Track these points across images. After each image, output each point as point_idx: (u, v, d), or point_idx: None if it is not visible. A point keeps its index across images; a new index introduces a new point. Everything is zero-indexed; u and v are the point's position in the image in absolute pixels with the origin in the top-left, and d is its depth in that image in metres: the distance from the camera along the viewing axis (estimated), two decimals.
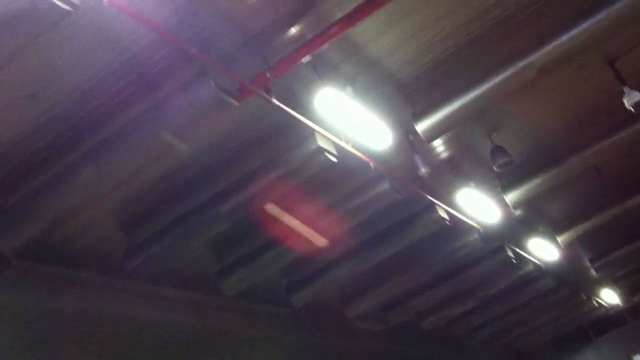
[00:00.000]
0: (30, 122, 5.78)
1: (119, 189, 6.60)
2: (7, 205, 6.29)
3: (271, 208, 8.15)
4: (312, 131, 6.99)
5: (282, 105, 6.36)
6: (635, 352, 18.96)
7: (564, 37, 6.69)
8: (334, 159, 7.27)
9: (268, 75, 6.04)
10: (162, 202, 7.46)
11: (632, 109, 7.71)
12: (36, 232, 6.32)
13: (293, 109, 6.56)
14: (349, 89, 6.77)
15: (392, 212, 9.35)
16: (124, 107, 5.90)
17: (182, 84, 5.64)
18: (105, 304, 7.83)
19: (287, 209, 8.42)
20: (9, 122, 5.72)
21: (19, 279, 6.96)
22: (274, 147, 7.25)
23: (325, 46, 5.98)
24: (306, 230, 8.70)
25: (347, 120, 6.68)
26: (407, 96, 7.47)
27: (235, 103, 5.92)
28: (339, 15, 5.91)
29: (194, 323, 8.96)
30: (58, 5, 4.33)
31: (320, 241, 9.03)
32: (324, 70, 6.51)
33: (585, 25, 6.61)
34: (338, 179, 8.26)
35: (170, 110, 5.70)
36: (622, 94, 7.71)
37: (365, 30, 6.29)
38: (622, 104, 7.76)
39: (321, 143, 7.12)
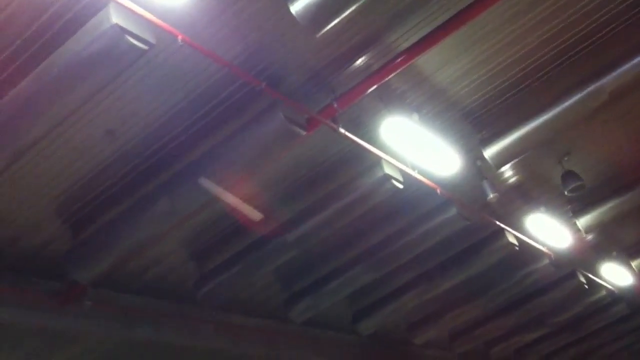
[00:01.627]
0: (108, 156, 6.00)
1: (190, 220, 6.76)
2: (84, 237, 6.52)
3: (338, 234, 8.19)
4: (379, 159, 7.02)
5: (348, 134, 6.43)
6: None
7: (635, 61, 6.56)
8: (400, 186, 7.26)
9: (335, 106, 6.13)
10: (232, 231, 7.59)
11: None
12: (111, 263, 6.50)
13: (360, 138, 6.62)
14: (415, 117, 6.78)
15: (460, 238, 9.25)
16: (196, 141, 6.06)
17: (253, 118, 5.76)
18: (176, 332, 7.98)
19: (354, 236, 8.45)
20: (88, 156, 5.94)
21: (94, 308, 7.18)
22: (341, 175, 7.31)
23: (391, 76, 6.03)
24: (374, 257, 8.68)
25: (414, 148, 6.69)
26: (474, 122, 7.41)
27: (304, 133, 6.01)
28: (404, 45, 5.96)
29: (262, 350, 9.03)
30: (136, 45, 4.49)
31: (388, 268, 9.00)
32: (390, 99, 6.56)
33: None
34: (405, 206, 8.24)
35: (241, 143, 5.82)
36: None
37: (431, 60, 6.31)
38: None
39: (388, 170, 7.13)
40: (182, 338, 8.02)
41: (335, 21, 4.96)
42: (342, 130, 6.28)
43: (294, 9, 4.71)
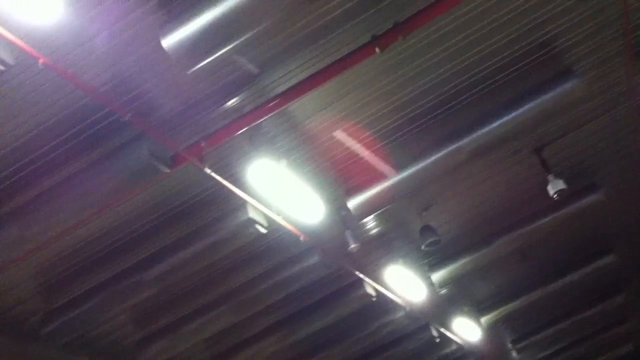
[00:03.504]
0: None
1: (41, 251, 6.37)
2: None
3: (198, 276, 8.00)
4: (244, 202, 6.96)
5: (214, 175, 6.33)
6: None
7: (494, 124, 6.94)
8: (264, 231, 7.24)
9: (203, 144, 6.02)
10: (86, 265, 7.23)
11: (555, 197, 7.97)
12: None
13: (227, 178, 6.55)
14: (284, 162, 6.79)
15: (321, 286, 9.32)
16: (54, 168, 5.75)
17: (116, 148, 5.55)
18: None
19: (216, 277, 8.28)
20: None
21: None
22: (205, 215, 7.18)
23: (262, 119, 6.02)
24: (234, 300, 8.53)
25: (280, 193, 6.68)
26: (341, 172, 7.53)
27: (167, 170, 5.86)
28: (279, 89, 5.98)
29: None
30: None
31: (248, 312, 8.86)
32: (259, 142, 6.52)
33: (514, 114, 6.88)
34: (269, 250, 8.21)
35: (101, 173, 5.57)
36: (547, 181, 7.97)
37: (304, 106, 6.37)
38: (547, 190, 8.02)
39: (252, 214, 7.09)
40: None
41: (209, 59, 4.89)
42: (207, 170, 6.18)
43: (166, 43, 4.60)
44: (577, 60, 7.00)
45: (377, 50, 5.59)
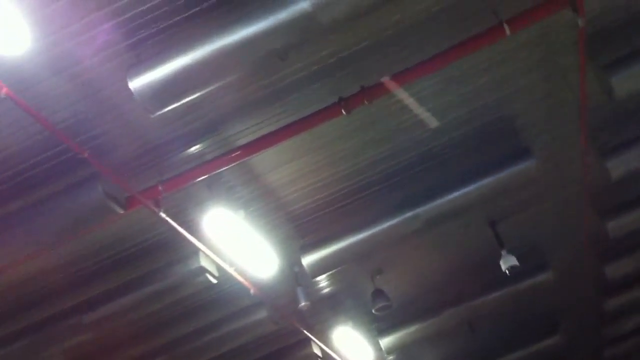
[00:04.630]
0: None
1: None
2: None
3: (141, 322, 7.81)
4: (197, 250, 6.87)
5: (169, 220, 6.24)
6: None
7: (451, 196, 7.04)
8: (214, 281, 7.14)
9: (160, 188, 5.95)
10: (26, 302, 7.00)
11: (507, 272, 8.03)
12: None
13: (181, 225, 6.46)
14: (242, 213, 6.74)
15: (267, 342, 9.17)
16: (5, 199, 5.60)
17: (70, 185, 5.45)
18: None
19: (159, 325, 8.09)
20: None
21: None
22: (154, 260, 7.05)
23: (223, 169, 5.99)
24: (174, 351, 8.34)
25: (235, 244, 6.61)
26: (297, 228, 7.51)
27: (121, 211, 5.76)
28: (242, 140, 5.97)
29: None
30: None
31: None
32: (218, 191, 6.47)
33: (471, 187, 7.00)
34: (217, 301, 8.08)
35: (49, 211, 5.45)
36: (500, 255, 8.04)
37: (266, 159, 6.36)
38: (499, 265, 8.08)
39: (204, 263, 7.00)
40: None
41: (175, 104, 4.88)
42: (162, 215, 6.09)
43: (133, 85, 4.59)
44: (533, 138, 7.18)
45: (343, 111, 5.64)
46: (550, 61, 6.30)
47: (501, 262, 7.99)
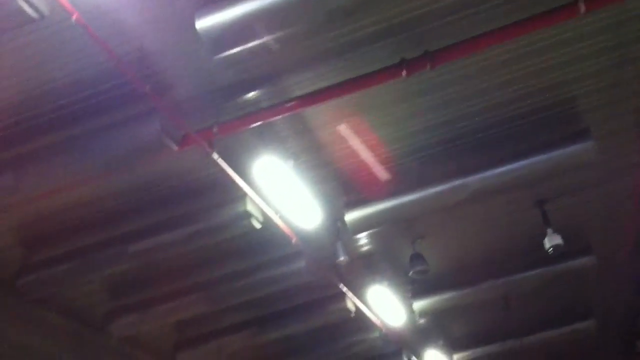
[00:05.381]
0: None
1: (32, 204, 6.37)
2: None
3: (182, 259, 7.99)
4: (244, 194, 6.95)
5: (221, 162, 6.32)
6: None
7: (502, 170, 6.96)
8: (258, 226, 7.23)
9: (215, 130, 6.01)
10: (73, 226, 7.21)
11: (550, 251, 7.96)
12: None
13: (232, 168, 6.53)
14: (291, 163, 6.79)
15: (301, 292, 9.29)
16: (63, 124, 5.73)
17: (128, 118, 5.55)
18: None
19: (198, 264, 8.27)
20: None
21: None
22: (202, 200, 7.15)
23: (277, 118, 6.03)
24: (211, 290, 8.52)
25: (281, 192, 6.68)
26: (343, 184, 7.53)
27: (175, 148, 5.87)
28: (299, 92, 5.98)
29: (72, 356, 8.52)
30: (25, 11, 4.23)
31: (223, 304, 8.85)
32: (270, 140, 6.53)
33: (524, 163, 6.90)
34: (257, 247, 8.19)
35: (106, 140, 5.58)
36: (544, 235, 7.96)
37: (320, 113, 6.36)
38: (541, 244, 8.01)
39: (250, 207, 7.09)
40: None
41: (239, 49, 4.90)
42: (214, 156, 6.17)
43: (200, 24, 4.62)
44: (593, 124, 7.00)
45: (403, 73, 5.59)
46: (623, 49, 6.11)
47: (545, 240, 7.92)
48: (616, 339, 13.68)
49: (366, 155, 7.14)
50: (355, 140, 6.89)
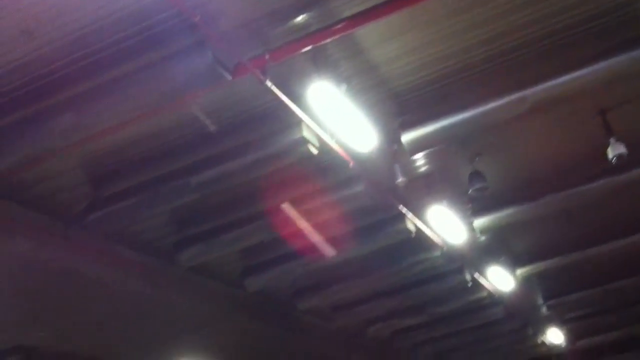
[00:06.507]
0: (19, 56, 5.65)
1: (94, 141, 6.53)
2: None
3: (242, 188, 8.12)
4: (299, 120, 6.96)
5: (274, 89, 6.32)
6: None
7: (562, 80, 6.76)
8: (315, 151, 7.25)
9: (267, 57, 5.99)
10: (135, 162, 7.38)
11: (614, 161, 7.79)
12: (2, 169, 6.21)
13: (285, 95, 6.53)
14: (344, 87, 6.74)
15: (361, 215, 9.37)
16: (117, 61, 5.78)
17: (180, 50, 5.57)
18: (55, 252, 7.68)
19: (258, 193, 8.40)
20: (2, 54, 5.59)
21: None
22: (258, 129, 7.20)
23: (328, 41, 5.96)
24: (271, 216, 8.68)
25: (336, 117, 6.66)
26: (399, 105, 7.46)
27: (229, 77, 5.88)
28: (346, 13, 5.88)
29: (147, 289, 8.88)
30: None
31: (282, 230, 9.03)
32: (322, 65, 6.47)
33: (585, 71, 6.68)
34: (315, 173, 8.24)
35: (163, 73, 5.63)
36: (607, 144, 7.78)
37: (371, 33, 6.27)
38: (605, 154, 7.84)
39: (306, 134, 7.10)
40: (61, 259, 7.74)
41: None
42: (268, 83, 6.17)
43: None
44: None
45: None
46: None
47: (609, 150, 7.75)
48: None
49: (419, 73, 7.03)
50: (407, 58, 6.78)
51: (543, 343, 17.34)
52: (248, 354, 12.37)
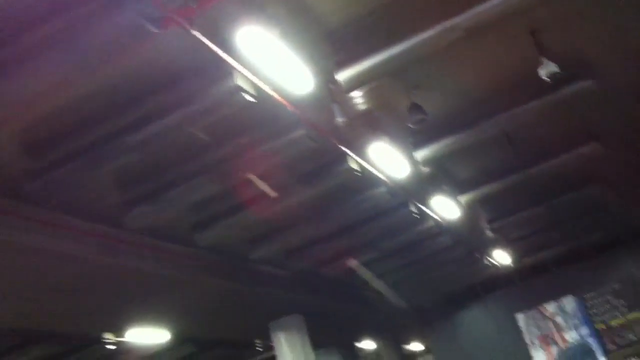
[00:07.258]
0: None
1: (25, 110, 6.28)
2: None
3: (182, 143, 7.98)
4: (232, 69, 6.81)
5: (203, 38, 6.15)
6: (519, 311, 19.99)
7: (491, 3, 6.77)
8: (251, 99, 7.13)
9: (194, 6, 5.80)
10: (70, 128, 7.14)
11: (547, 80, 7.91)
12: None
13: (216, 44, 6.36)
14: (276, 30, 6.59)
15: (305, 159, 9.35)
16: (37, 24, 5.52)
17: (103, 6, 5.34)
18: (4, 228, 7.45)
19: (199, 146, 8.27)
20: None
21: None
22: (191, 82, 7.02)
23: None
24: (217, 169, 8.59)
25: (270, 62, 6.54)
26: (333, 44, 7.37)
27: (156, 30, 5.69)
28: None
29: (98, 255, 8.72)
30: None
31: (232, 181, 8.96)
32: (251, 8, 6.31)
33: None
34: (252, 121, 8.14)
35: (86, 32, 5.40)
36: (541, 64, 7.88)
37: None
38: (539, 74, 7.94)
39: (240, 82, 6.96)
40: (5, 234, 7.52)
41: None
42: (196, 33, 5.99)
43: None
44: None
45: None
46: None
47: (541, 70, 7.85)
48: (624, 163, 13.78)
49: (349, 9, 6.94)
50: None
51: (491, 264, 17.86)
52: (207, 313, 12.41)
